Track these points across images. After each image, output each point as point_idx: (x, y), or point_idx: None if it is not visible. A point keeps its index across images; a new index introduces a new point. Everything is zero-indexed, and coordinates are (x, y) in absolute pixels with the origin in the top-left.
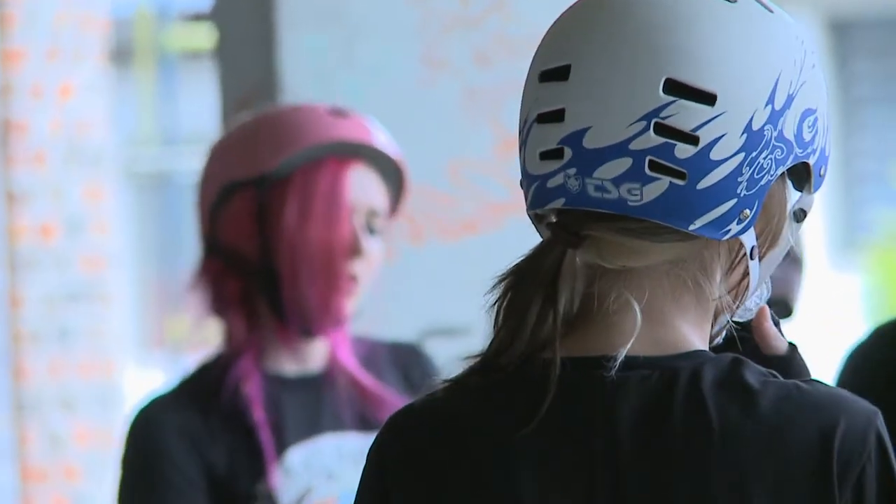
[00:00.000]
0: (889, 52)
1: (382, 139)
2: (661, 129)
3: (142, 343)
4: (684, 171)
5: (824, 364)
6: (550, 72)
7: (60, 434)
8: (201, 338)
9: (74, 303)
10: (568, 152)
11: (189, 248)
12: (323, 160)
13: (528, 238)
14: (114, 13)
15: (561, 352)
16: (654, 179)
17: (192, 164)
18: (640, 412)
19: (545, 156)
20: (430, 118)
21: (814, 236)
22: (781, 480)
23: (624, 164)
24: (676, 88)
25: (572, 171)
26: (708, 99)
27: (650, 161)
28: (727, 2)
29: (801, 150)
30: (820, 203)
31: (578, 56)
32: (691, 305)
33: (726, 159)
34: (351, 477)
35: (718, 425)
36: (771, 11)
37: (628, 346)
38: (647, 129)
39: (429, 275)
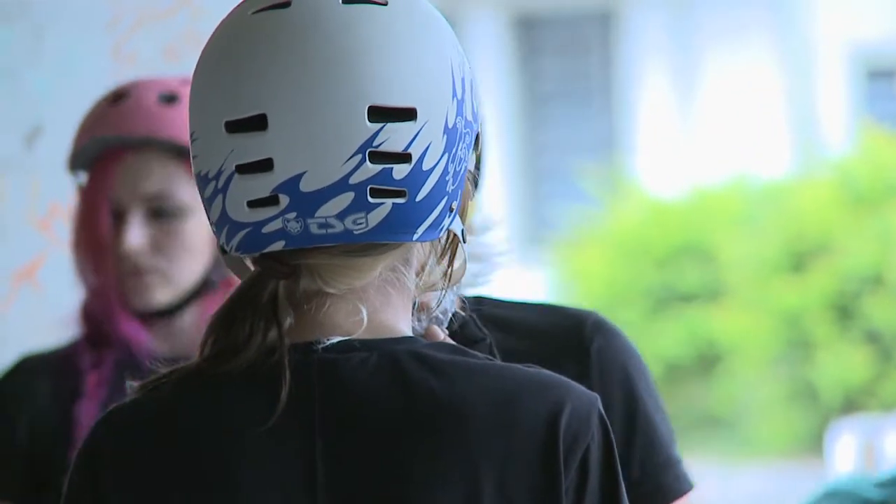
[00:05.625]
0: (573, 48)
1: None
2: (377, 157)
3: None
4: (404, 189)
5: None
6: (241, 122)
7: None
8: None
9: None
10: (284, 199)
11: None
12: (101, 154)
13: None
14: None
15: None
16: (377, 205)
17: None
18: (361, 394)
19: (255, 204)
20: None
21: (499, 232)
22: (508, 457)
23: (346, 198)
24: (380, 114)
25: (292, 215)
26: (410, 115)
27: (371, 189)
28: (380, 6)
29: (477, 124)
30: (506, 199)
31: (272, 104)
32: (397, 297)
33: (436, 165)
34: None
35: (446, 404)
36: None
37: (349, 330)
38: (363, 161)
39: None
